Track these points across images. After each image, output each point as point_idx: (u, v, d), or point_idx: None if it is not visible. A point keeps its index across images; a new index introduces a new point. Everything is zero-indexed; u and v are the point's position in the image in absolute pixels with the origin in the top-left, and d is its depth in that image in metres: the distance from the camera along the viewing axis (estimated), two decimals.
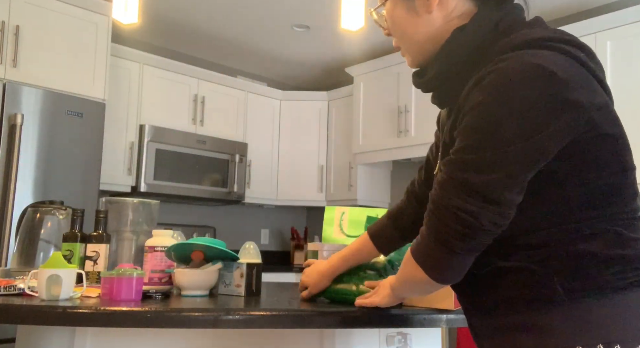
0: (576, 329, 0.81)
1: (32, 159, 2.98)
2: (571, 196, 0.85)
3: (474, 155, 0.83)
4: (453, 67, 0.95)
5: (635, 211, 0.88)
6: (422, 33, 1.00)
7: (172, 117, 4.09)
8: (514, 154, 0.81)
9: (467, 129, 0.85)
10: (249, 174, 4.47)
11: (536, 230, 0.86)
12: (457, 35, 0.95)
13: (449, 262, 0.88)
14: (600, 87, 0.87)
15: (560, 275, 0.83)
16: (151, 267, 1.49)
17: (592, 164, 0.84)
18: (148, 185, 3.84)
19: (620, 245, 0.84)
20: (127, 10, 2.08)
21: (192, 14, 3.89)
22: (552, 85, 0.80)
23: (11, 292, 1.35)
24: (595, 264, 0.83)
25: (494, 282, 0.91)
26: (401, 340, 1.51)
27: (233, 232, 4.78)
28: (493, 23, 0.93)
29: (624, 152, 0.87)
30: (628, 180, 0.87)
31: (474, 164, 0.83)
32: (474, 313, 0.97)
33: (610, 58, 3.13)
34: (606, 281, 0.82)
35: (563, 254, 0.84)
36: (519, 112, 0.80)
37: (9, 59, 3.01)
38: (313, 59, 4.72)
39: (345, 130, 4.60)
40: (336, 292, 1.39)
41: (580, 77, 0.83)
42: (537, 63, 0.81)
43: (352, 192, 4.44)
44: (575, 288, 0.83)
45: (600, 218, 0.85)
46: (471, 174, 0.83)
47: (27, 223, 1.84)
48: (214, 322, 1.16)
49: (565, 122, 0.81)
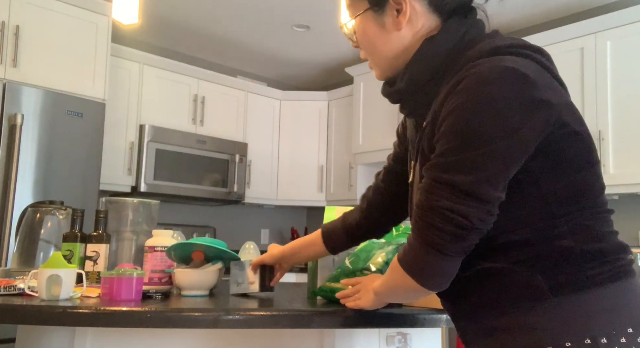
0: (563, 326, 0.83)
1: (32, 159, 2.98)
2: (547, 193, 0.87)
3: (457, 156, 0.85)
4: (424, 75, 0.98)
5: (605, 204, 0.91)
6: (391, 49, 1.03)
7: (172, 117, 4.10)
8: (497, 152, 0.83)
9: (447, 132, 0.87)
10: (249, 174, 4.47)
11: (516, 229, 0.88)
12: (427, 44, 0.98)
13: (440, 267, 0.88)
14: (561, 88, 0.92)
15: (543, 274, 0.85)
16: (151, 267, 1.49)
17: (564, 161, 0.88)
18: (148, 185, 3.84)
19: (595, 239, 0.87)
20: (127, 10, 2.08)
21: (192, 14, 3.89)
22: (525, 85, 0.84)
23: (11, 292, 1.35)
24: (575, 259, 0.85)
25: (477, 285, 0.92)
26: (401, 340, 1.51)
27: (233, 232, 4.78)
28: (460, 33, 0.97)
29: (591, 148, 0.91)
30: (595, 174, 0.91)
31: (458, 165, 0.85)
32: (460, 317, 0.98)
33: (610, 58, 3.13)
34: (587, 276, 0.84)
35: (544, 252, 0.86)
36: (497, 111, 0.83)
37: (9, 59, 3.01)
38: (313, 59, 4.72)
39: (345, 130, 4.60)
40: (332, 292, 1.39)
41: (545, 79, 0.88)
42: (509, 66, 0.85)
43: (352, 192, 4.44)
44: (559, 285, 0.85)
45: (575, 213, 0.87)
46: (456, 174, 0.85)
47: (27, 223, 1.84)
48: (214, 322, 1.16)
49: (540, 120, 0.84)
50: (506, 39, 0.94)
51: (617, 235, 0.91)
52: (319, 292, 1.46)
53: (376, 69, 1.09)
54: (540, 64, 0.90)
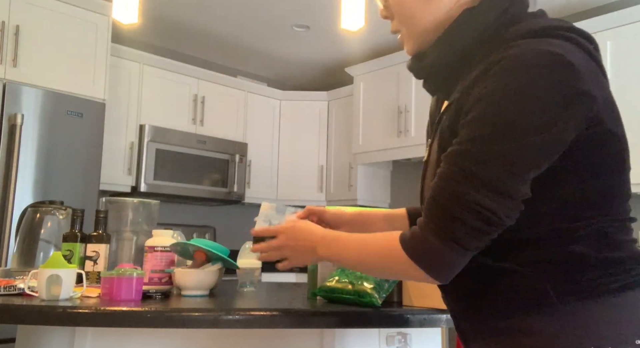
0: (569, 333, 0.79)
1: (32, 159, 2.98)
2: (568, 194, 0.82)
3: (488, 147, 0.78)
4: (458, 50, 0.90)
5: (627, 212, 0.86)
6: (431, 20, 0.94)
7: (172, 117, 4.09)
8: (530, 147, 0.77)
9: (478, 119, 0.80)
10: (249, 174, 4.47)
11: (529, 227, 0.83)
12: (467, 15, 0.90)
13: (457, 261, 0.82)
14: (605, 81, 0.85)
15: (552, 279, 0.81)
16: (151, 267, 1.49)
17: (593, 163, 0.82)
18: (148, 185, 3.84)
19: (612, 247, 0.82)
20: (127, 10, 2.08)
21: (192, 14, 3.89)
22: (569, 74, 0.77)
23: (11, 292, 1.35)
24: (586, 267, 0.81)
25: (484, 286, 0.88)
26: (401, 340, 1.51)
27: (233, 232, 4.78)
28: (503, 7, 0.89)
29: (624, 152, 0.85)
30: (624, 181, 0.85)
31: (489, 157, 0.78)
32: (463, 318, 0.95)
33: (610, 58, 3.13)
34: (597, 284, 0.80)
35: (556, 256, 0.82)
36: (535, 101, 0.76)
37: (9, 59, 3.01)
38: (313, 59, 4.72)
39: (345, 130, 4.60)
40: (333, 292, 1.39)
41: (590, 69, 0.81)
42: (551, 50, 0.78)
43: (352, 192, 4.44)
44: (567, 292, 0.81)
45: (595, 219, 0.82)
46: (486, 167, 0.78)
47: (27, 223, 1.84)
48: (214, 322, 1.16)
49: (580, 114, 0.78)
50: (554, 20, 0.86)
51: (636, 244, 0.86)
52: (319, 292, 1.46)
53: (409, 41, 0.99)
54: (588, 52, 0.83)
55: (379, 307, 1.33)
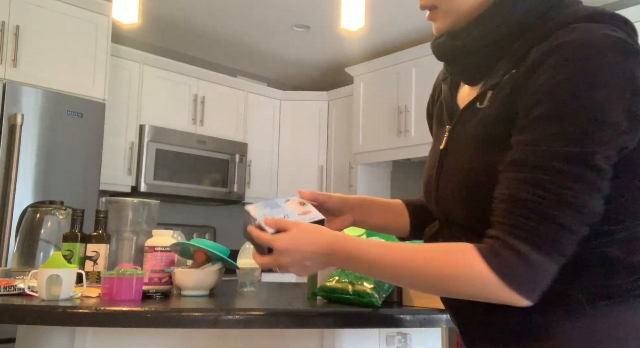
0: (594, 340, 0.76)
1: (32, 159, 2.98)
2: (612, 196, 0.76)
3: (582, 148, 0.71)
4: (498, 32, 0.83)
5: None
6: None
7: (172, 117, 4.10)
8: (620, 143, 0.72)
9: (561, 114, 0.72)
10: (249, 174, 4.47)
11: None
12: None
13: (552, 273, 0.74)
14: None
15: (582, 282, 0.77)
16: (151, 267, 1.49)
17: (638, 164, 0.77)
18: (148, 185, 3.84)
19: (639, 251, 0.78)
20: (127, 10, 2.08)
21: (192, 14, 3.89)
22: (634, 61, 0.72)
23: (11, 292, 1.35)
24: (619, 271, 0.77)
25: None
26: (401, 340, 1.51)
27: (233, 232, 4.78)
28: None
29: None
30: None
31: (586, 157, 0.71)
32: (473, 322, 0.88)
33: None
34: (627, 288, 0.77)
35: (586, 258, 0.77)
36: (617, 88, 0.70)
37: (9, 59, 3.01)
38: (313, 59, 4.72)
39: (345, 130, 4.60)
40: (333, 292, 1.39)
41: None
42: (620, 37, 0.72)
43: (352, 192, 4.44)
44: (597, 295, 0.76)
45: (634, 222, 0.78)
46: (587, 167, 0.71)
47: (27, 223, 1.84)
48: (214, 322, 1.16)
49: None
50: (600, 8, 0.80)
51: None
52: (319, 292, 1.46)
53: (445, 18, 0.90)
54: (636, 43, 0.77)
55: (379, 307, 1.33)
